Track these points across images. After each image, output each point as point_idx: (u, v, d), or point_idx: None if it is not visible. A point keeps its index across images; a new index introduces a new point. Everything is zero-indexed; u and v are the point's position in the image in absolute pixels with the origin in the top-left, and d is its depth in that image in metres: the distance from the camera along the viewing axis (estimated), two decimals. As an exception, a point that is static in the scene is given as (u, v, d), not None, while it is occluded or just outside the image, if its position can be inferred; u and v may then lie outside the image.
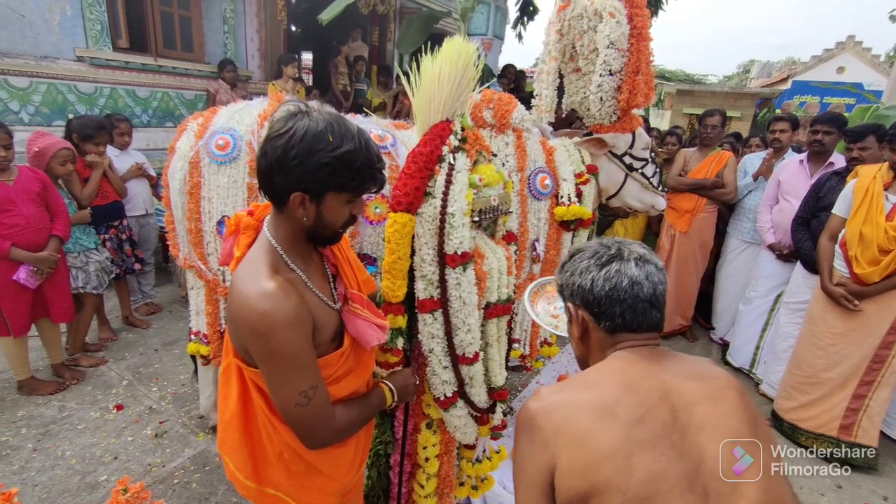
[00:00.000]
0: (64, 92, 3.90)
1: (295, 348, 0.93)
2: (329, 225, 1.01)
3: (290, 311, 0.92)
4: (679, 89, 9.03)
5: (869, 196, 2.40)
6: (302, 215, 0.97)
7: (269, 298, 0.91)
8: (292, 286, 0.97)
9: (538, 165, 2.17)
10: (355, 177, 0.96)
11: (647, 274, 0.89)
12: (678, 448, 0.77)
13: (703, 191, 3.57)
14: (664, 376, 0.85)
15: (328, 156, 0.91)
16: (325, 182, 0.94)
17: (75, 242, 2.80)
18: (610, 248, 0.93)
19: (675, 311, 3.86)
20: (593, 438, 0.78)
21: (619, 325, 0.89)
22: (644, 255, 0.91)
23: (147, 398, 2.67)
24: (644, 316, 0.89)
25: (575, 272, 0.93)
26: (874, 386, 2.47)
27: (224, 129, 1.98)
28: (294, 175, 0.92)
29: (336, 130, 0.93)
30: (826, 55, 17.30)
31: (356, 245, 2.08)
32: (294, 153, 0.91)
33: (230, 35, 5.21)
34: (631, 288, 0.88)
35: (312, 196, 0.95)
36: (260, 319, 0.91)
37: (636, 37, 2.15)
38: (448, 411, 1.43)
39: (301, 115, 0.95)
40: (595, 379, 0.87)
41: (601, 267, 0.90)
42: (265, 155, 0.94)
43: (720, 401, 0.83)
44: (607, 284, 0.88)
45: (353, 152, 0.93)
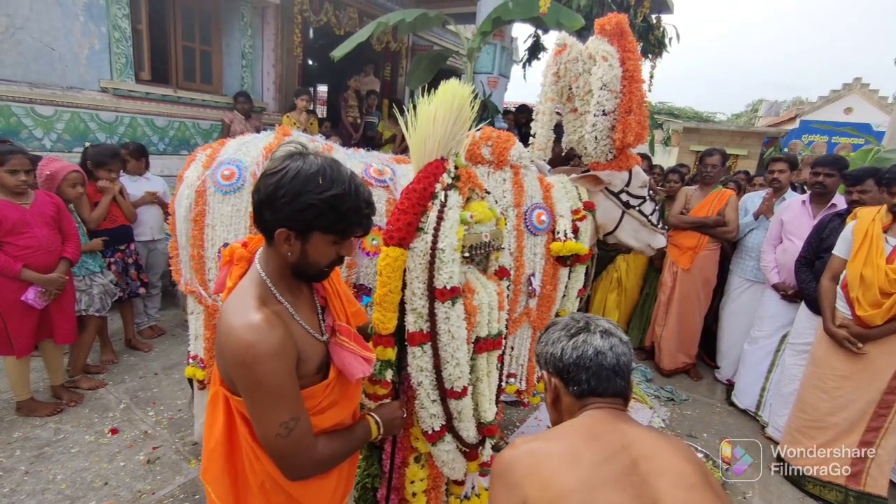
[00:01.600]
0: (86, 120, 4.07)
1: (278, 380, 0.95)
2: (313, 263, 1.04)
3: (275, 343, 0.94)
4: (686, 127, 9.16)
5: (868, 238, 2.40)
6: (287, 251, 1.01)
7: (254, 330, 0.94)
8: (278, 318, 0.99)
9: (535, 201, 2.21)
10: (341, 220, 1.00)
11: (611, 345, 1.00)
12: (637, 489, 0.84)
13: (705, 229, 3.59)
14: (625, 429, 0.94)
15: (316, 198, 0.95)
16: (310, 223, 0.98)
17: (80, 266, 2.87)
18: (579, 321, 1.05)
19: (679, 349, 3.81)
20: (559, 479, 0.85)
21: (585, 390, 0.99)
22: (609, 329, 1.03)
23: (143, 423, 2.67)
24: (608, 382, 0.99)
25: (548, 342, 1.05)
26: (882, 433, 2.40)
27: (230, 160, 2.06)
28: (282, 213, 0.96)
29: (328, 174, 0.97)
30: (833, 96, 17.49)
31: (353, 276, 2.11)
32: (283, 192, 0.95)
33: (248, 69, 5.44)
34: (595, 356, 0.99)
35: (298, 234, 0.99)
36: (245, 350, 0.93)
37: (628, 79, 2.23)
38: (436, 445, 1.43)
39: (297, 157, 0.99)
40: (563, 431, 0.97)
41: (570, 337, 1.02)
42: (258, 191, 0.99)
43: (677, 452, 0.91)
44: (575, 353, 1.00)
45: (341, 196, 0.97)
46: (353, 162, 2.17)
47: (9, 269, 2.38)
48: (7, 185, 2.40)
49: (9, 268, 2.38)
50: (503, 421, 2.90)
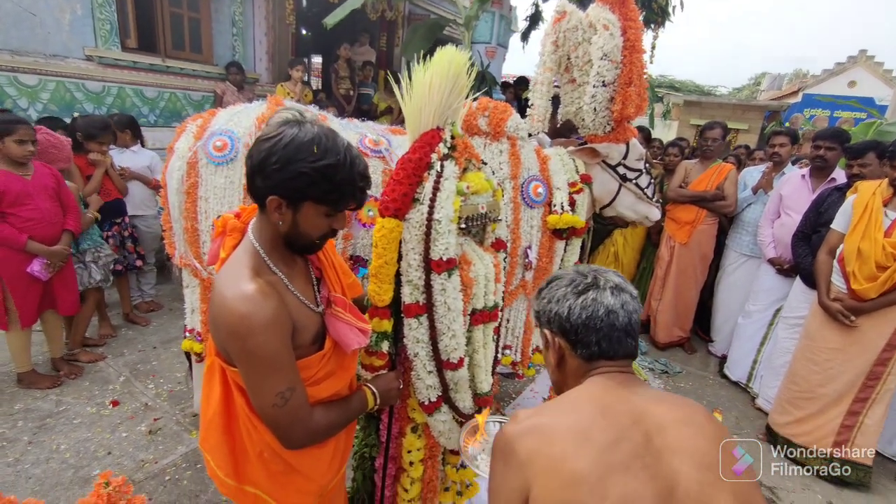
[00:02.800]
0: (72, 90, 3.96)
1: (272, 350, 0.94)
2: (304, 234, 1.03)
3: (269, 313, 0.93)
4: (686, 100, 9.02)
5: (868, 212, 2.39)
6: (278, 220, 0.99)
7: (248, 301, 0.93)
8: (272, 289, 0.98)
9: (532, 174, 2.18)
10: (334, 191, 0.98)
11: (622, 303, 0.90)
12: (651, 469, 0.79)
13: (704, 203, 3.57)
14: (636, 400, 0.87)
15: (308, 166, 0.93)
16: (302, 191, 0.96)
17: (88, 238, 2.89)
18: (586, 276, 0.94)
19: (674, 323, 3.85)
20: (567, 463, 0.79)
21: (595, 353, 0.91)
22: (619, 284, 0.93)
23: (143, 395, 2.70)
24: (619, 344, 0.91)
25: (552, 299, 0.95)
26: (869, 402, 2.45)
27: (222, 131, 2.01)
28: (272, 179, 0.95)
29: (323, 143, 0.95)
30: (838, 69, 17.18)
31: (349, 247, 2.10)
32: (276, 158, 0.93)
33: (239, 37, 5.28)
34: (607, 316, 0.89)
35: (289, 203, 0.97)
36: (239, 322, 0.92)
37: (629, 49, 2.17)
38: (432, 416, 1.44)
39: (293, 124, 0.97)
40: (571, 404, 0.89)
41: (578, 295, 0.92)
42: (251, 156, 0.97)
43: (690, 424, 0.85)
44: (584, 313, 0.90)
45: (334, 167, 0.95)
46: (348, 132, 2.12)
47: (14, 241, 2.38)
48: (14, 155, 2.37)
49: (14, 239, 2.38)
50: (499, 393, 2.94)
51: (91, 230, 2.93)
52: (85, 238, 2.87)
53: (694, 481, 0.78)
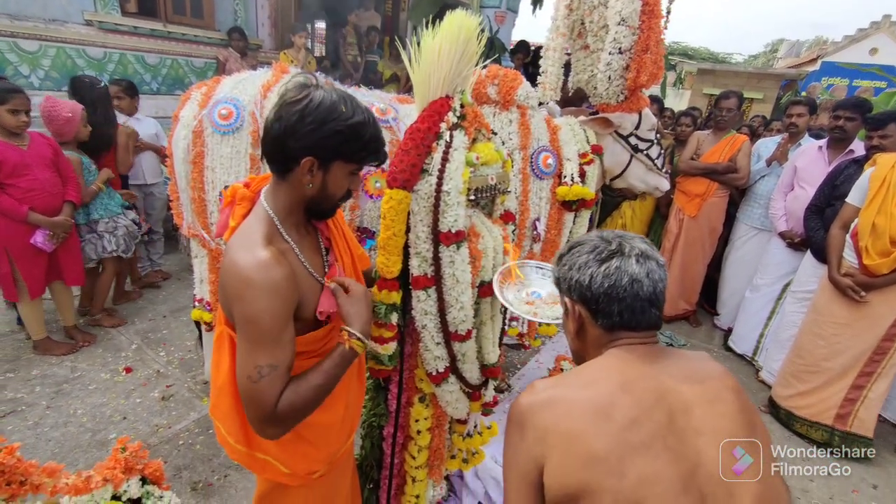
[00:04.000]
0: (73, 56, 3.89)
1: (268, 319, 0.93)
2: (331, 196, 1.05)
3: (276, 281, 0.93)
4: (700, 68, 8.73)
5: (885, 186, 2.33)
6: (308, 182, 1.00)
7: (258, 266, 0.93)
8: (283, 257, 0.98)
9: (542, 144, 2.14)
10: (363, 148, 1.01)
11: (647, 271, 0.85)
12: (674, 451, 0.76)
13: (715, 175, 3.50)
14: (661, 377, 0.83)
15: (342, 124, 0.96)
16: (336, 150, 0.99)
17: (104, 208, 2.88)
18: (611, 242, 0.89)
19: (680, 296, 3.85)
20: (585, 440, 0.77)
21: (616, 324, 0.87)
22: (646, 251, 0.88)
23: (155, 362, 2.75)
24: (643, 315, 0.86)
25: (573, 266, 0.90)
26: (874, 377, 2.46)
27: (227, 99, 1.98)
28: (307, 140, 0.96)
29: (348, 103, 0.99)
30: (859, 35, 16.50)
31: (356, 219, 2.09)
32: (311, 119, 0.95)
33: (240, 2, 5.12)
34: (631, 286, 0.84)
35: (321, 163, 0.99)
36: (246, 285, 0.93)
37: (647, 14, 2.08)
38: (440, 386, 1.46)
39: (315, 87, 0.99)
40: (591, 377, 0.85)
41: (601, 263, 0.86)
42: (279, 119, 0.96)
43: (717, 402, 0.81)
44: (606, 282, 0.85)
45: (364, 124, 0.99)
46: (353, 101, 2.08)
47: (15, 212, 2.38)
48: (7, 125, 2.35)
49: (14, 210, 2.37)
50: (504, 363, 2.98)
51: (106, 200, 2.90)
52: (97, 207, 2.85)
53: (719, 463, 0.76)
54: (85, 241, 2.82)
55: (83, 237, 2.82)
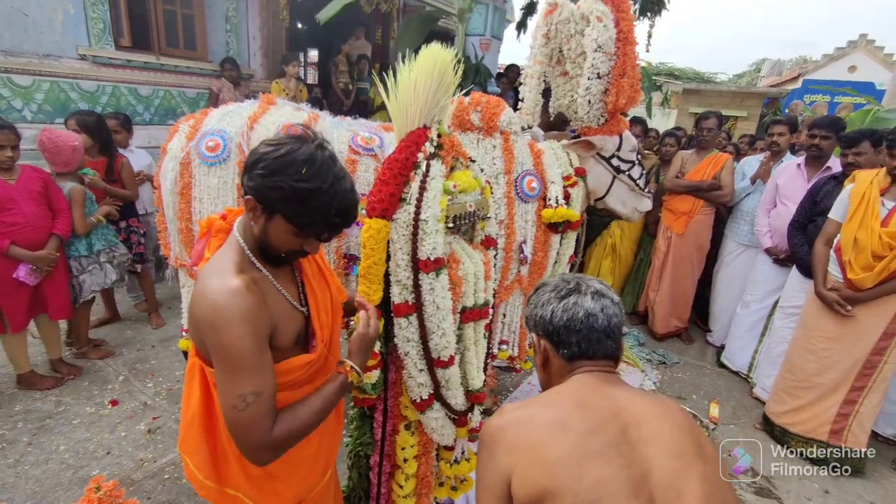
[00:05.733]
0: (66, 90, 3.95)
1: (246, 347, 0.93)
2: (272, 244, 1.03)
3: (247, 308, 0.94)
4: (685, 88, 8.93)
5: (865, 201, 2.38)
6: (251, 220, 1.02)
7: (229, 294, 0.94)
8: (256, 285, 0.99)
9: (526, 168, 2.18)
10: (305, 215, 0.98)
11: (602, 307, 0.97)
12: (626, 458, 0.83)
13: (700, 193, 3.55)
14: (616, 397, 0.91)
15: (288, 182, 0.95)
16: (274, 203, 0.97)
17: (102, 238, 2.88)
18: (569, 282, 1.01)
19: (671, 314, 3.85)
20: (547, 449, 0.84)
21: (575, 353, 0.97)
22: (601, 290, 0.99)
23: (142, 394, 2.72)
24: (599, 345, 0.96)
25: (537, 304, 1.02)
26: (865, 391, 2.45)
27: (214, 131, 2.01)
28: (254, 182, 0.97)
29: (314, 167, 0.96)
30: (838, 54, 16.99)
31: (343, 246, 2.10)
32: (264, 164, 0.96)
33: (233, 33, 5.24)
34: (587, 319, 0.96)
35: (264, 209, 0.99)
36: (217, 313, 0.93)
37: (622, 41, 2.16)
38: (425, 413, 1.45)
39: (298, 140, 0.99)
40: (552, 398, 0.94)
41: (560, 299, 0.98)
42: (250, 154, 1.01)
43: (667, 418, 0.89)
44: (565, 315, 0.97)
45: (313, 192, 0.96)
46: (339, 130, 2.12)
47: None
48: None
49: None
50: (496, 386, 2.96)
51: (104, 230, 2.91)
52: (98, 238, 2.85)
53: (668, 470, 0.82)
54: (88, 273, 2.81)
55: (87, 269, 2.80)
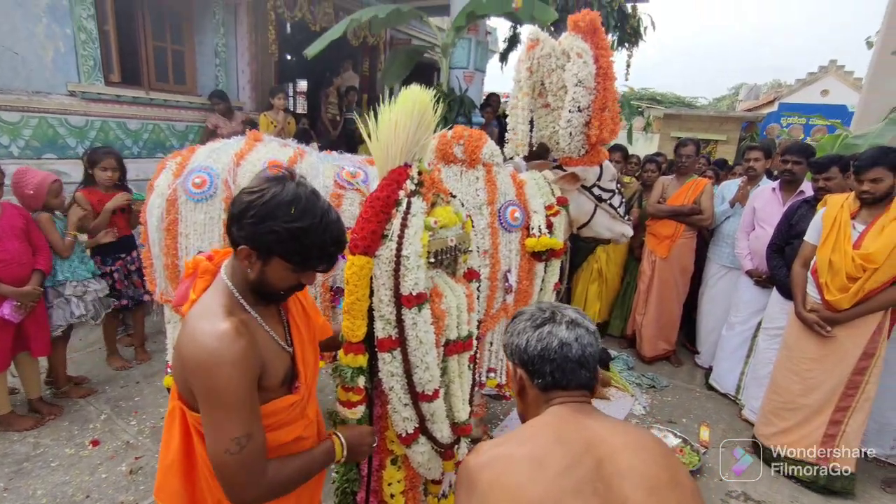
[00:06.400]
0: (55, 125, 3.97)
1: (236, 390, 0.93)
2: (270, 285, 1.05)
3: (238, 352, 0.94)
4: (667, 113, 9.23)
5: (837, 225, 2.46)
6: (247, 268, 1.02)
7: (219, 337, 0.94)
8: (245, 327, 1.00)
9: (508, 198, 2.23)
10: (301, 252, 1.01)
11: (576, 336, 0.97)
12: (602, 496, 0.82)
13: (681, 217, 3.64)
14: (591, 428, 0.91)
15: (281, 225, 0.97)
16: (272, 247, 0.99)
17: (72, 272, 2.83)
18: (545, 311, 1.02)
19: (658, 336, 3.88)
20: (524, 490, 0.83)
21: (549, 383, 0.97)
22: (575, 319, 1.00)
23: (125, 432, 2.65)
24: (573, 375, 0.96)
25: (513, 333, 1.02)
26: (850, 411, 2.48)
27: (201, 168, 2.04)
28: (246, 231, 0.98)
29: (301, 206, 0.99)
30: (810, 78, 17.68)
31: (330, 279, 2.12)
32: (253, 212, 0.97)
33: (222, 67, 5.34)
34: (560, 348, 0.96)
35: (260, 254, 1.00)
36: (208, 356, 0.93)
37: (602, 76, 2.24)
38: (410, 447, 1.45)
39: (278, 182, 1.01)
40: (528, 434, 0.93)
41: (535, 328, 0.98)
42: (233, 204, 1.02)
43: (641, 450, 0.89)
44: (539, 345, 0.97)
45: (307, 230, 0.99)
46: (325, 165, 2.16)
47: None
48: None
49: None
50: (486, 415, 2.94)
51: (76, 263, 2.85)
52: (62, 269, 2.78)
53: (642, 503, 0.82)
54: (52, 307, 2.76)
55: (50, 302, 2.76)
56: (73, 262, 2.84)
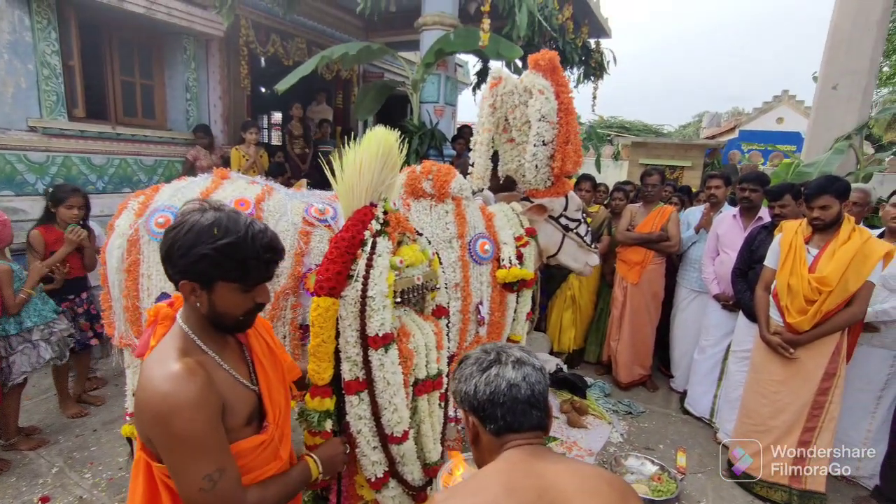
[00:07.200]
0: (13, 162, 3.86)
1: (198, 430, 0.92)
2: (226, 313, 1.04)
3: (194, 392, 0.93)
4: (634, 142, 9.60)
5: (793, 249, 2.56)
6: (195, 302, 1.02)
7: (172, 379, 0.93)
8: (201, 367, 0.98)
9: (478, 231, 2.25)
10: (239, 268, 1.00)
11: (524, 375, 0.95)
12: None
13: (650, 244, 3.74)
14: (544, 475, 0.88)
15: (208, 248, 0.97)
16: (208, 273, 0.99)
17: (38, 314, 2.70)
18: (490, 353, 0.99)
19: (634, 362, 3.92)
20: None
21: (502, 427, 0.94)
22: (521, 358, 0.97)
23: (78, 486, 2.49)
24: (524, 416, 0.94)
25: (461, 379, 0.99)
26: (816, 432, 2.53)
27: (165, 207, 2.00)
28: (179, 266, 0.98)
29: (223, 225, 0.99)
30: (766, 107, 18.76)
31: (298, 316, 2.07)
32: (179, 245, 0.97)
33: (193, 102, 5.32)
34: (509, 390, 0.93)
35: (202, 285, 1.00)
36: (162, 401, 0.91)
37: (563, 111, 2.33)
38: (381, 492, 1.41)
39: (196, 212, 1.02)
40: (479, 484, 0.90)
41: (482, 372, 0.96)
42: (161, 246, 1.01)
43: (595, 494, 0.87)
44: (488, 389, 0.94)
45: (235, 245, 0.98)
46: (294, 202, 2.15)
47: None
48: None
49: None
50: (464, 450, 2.88)
51: (39, 305, 2.73)
52: (30, 314, 2.67)
53: None
54: (18, 353, 2.62)
55: (15, 349, 2.62)
56: (36, 304, 2.72)
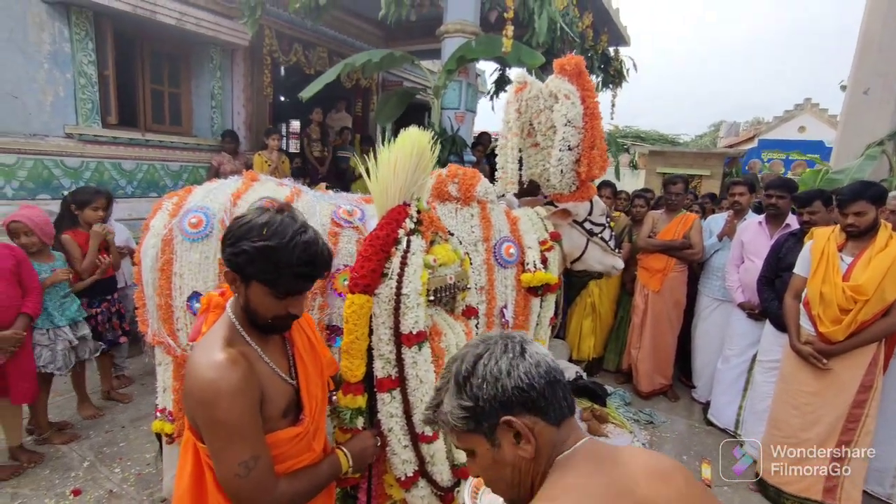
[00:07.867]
0: (50, 167, 4.00)
1: (237, 417, 0.96)
2: (256, 312, 1.06)
3: (235, 380, 0.97)
4: (651, 150, 9.55)
5: (825, 257, 2.50)
6: (235, 291, 1.07)
7: (215, 368, 0.97)
8: (243, 357, 1.02)
9: (503, 235, 2.26)
10: (273, 272, 1.01)
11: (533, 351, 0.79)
12: None
13: (672, 251, 3.70)
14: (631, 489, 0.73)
15: (250, 244, 1.00)
16: (244, 268, 1.02)
17: (44, 319, 2.73)
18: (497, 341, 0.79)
19: (655, 370, 3.86)
20: None
21: (565, 409, 0.77)
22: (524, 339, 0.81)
23: (108, 481, 2.54)
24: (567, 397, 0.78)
25: (498, 377, 0.75)
26: (851, 446, 2.45)
27: (198, 208, 2.05)
28: (226, 253, 1.03)
29: (272, 227, 1.01)
30: (787, 115, 18.44)
31: (325, 317, 2.10)
32: (231, 234, 1.02)
33: (217, 109, 5.45)
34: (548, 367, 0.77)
35: (241, 278, 1.04)
36: (206, 387, 0.96)
37: (589, 116, 2.33)
38: (410, 491, 1.41)
39: (260, 211, 1.06)
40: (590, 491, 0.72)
41: (523, 356, 0.76)
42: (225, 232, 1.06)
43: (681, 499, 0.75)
44: (540, 369, 0.75)
45: (273, 249, 0.99)
46: (322, 204, 2.18)
47: None
48: None
49: None
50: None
51: (50, 309, 2.74)
52: (63, 313, 2.75)
53: None
54: (43, 347, 2.70)
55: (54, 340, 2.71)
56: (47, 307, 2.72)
